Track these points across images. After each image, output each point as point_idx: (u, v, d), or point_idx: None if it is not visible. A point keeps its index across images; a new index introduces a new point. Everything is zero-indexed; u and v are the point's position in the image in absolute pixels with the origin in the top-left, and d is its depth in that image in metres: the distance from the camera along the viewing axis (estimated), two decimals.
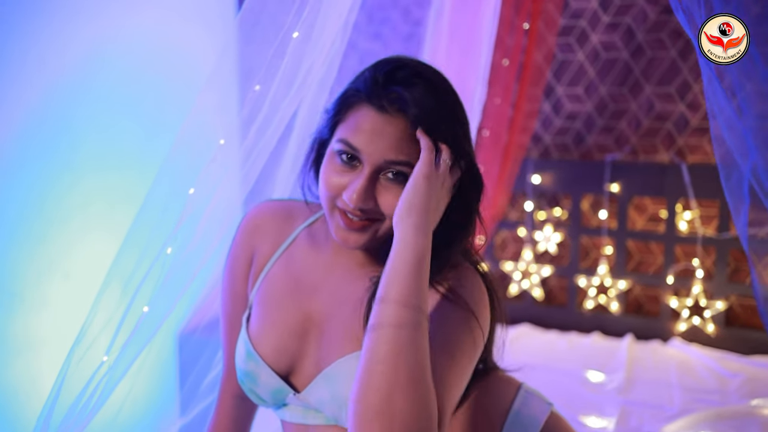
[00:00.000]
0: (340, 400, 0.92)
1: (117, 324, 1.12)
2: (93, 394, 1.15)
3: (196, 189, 1.14)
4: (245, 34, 1.29)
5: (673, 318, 2.33)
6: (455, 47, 1.57)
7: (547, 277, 2.54)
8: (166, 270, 1.10)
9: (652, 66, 2.37)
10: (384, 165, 0.87)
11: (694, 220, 2.30)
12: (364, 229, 0.89)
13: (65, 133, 2.12)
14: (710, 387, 1.94)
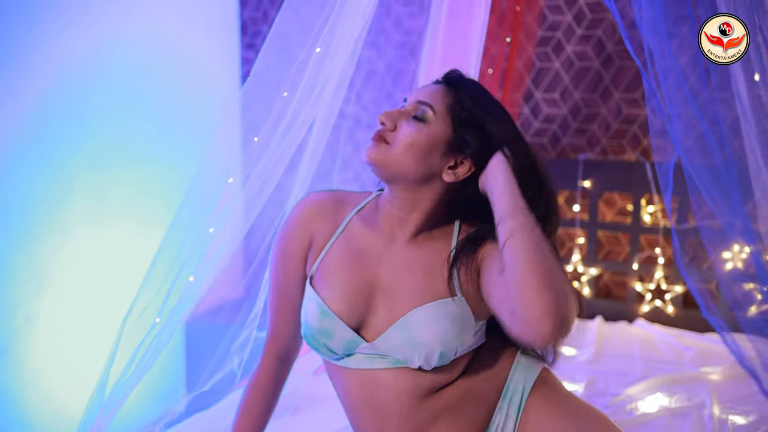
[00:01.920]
0: (413, 344, 1.12)
1: (166, 292, 1.34)
2: (146, 353, 1.37)
3: (234, 178, 1.36)
4: (249, 96, 1.48)
5: (637, 301, 2.60)
6: (449, 58, 1.81)
7: None
8: (208, 246, 1.33)
9: (620, 74, 2.63)
10: (416, 105, 1.14)
11: (656, 213, 2.57)
12: (377, 144, 1.13)
13: (75, 126, 2.30)
14: (668, 358, 2.20)
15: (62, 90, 2.28)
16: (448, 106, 1.14)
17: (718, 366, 2.08)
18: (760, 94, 1.31)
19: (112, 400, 1.36)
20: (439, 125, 1.13)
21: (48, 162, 2.25)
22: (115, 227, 2.54)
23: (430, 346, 1.12)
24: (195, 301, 1.35)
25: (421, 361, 1.13)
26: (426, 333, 1.12)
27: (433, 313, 1.12)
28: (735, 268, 2.48)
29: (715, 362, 2.13)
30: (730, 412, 1.77)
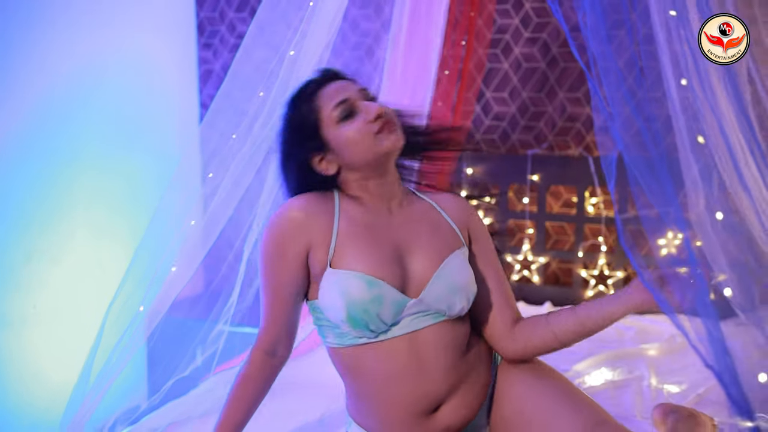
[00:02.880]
0: (454, 289, 1.26)
1: (149, 281, 1.42)
2: (131, 341, 1.45)
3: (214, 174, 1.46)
4: (207, 132, 1.57)
5: (583, 286, 2.79)
6: (410, 63, 1.94)
7: None
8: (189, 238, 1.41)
9: (564, 75, 2.81)
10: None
11: (598, 204, 2.76)
12: (397, 130, 1.26)
13: (63, 135, 2.34)
14: (611, 338, 2.39)
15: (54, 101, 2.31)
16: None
17: (655, 343, 2.28)
18: (687, 96, 1.47)
19: (98, 386, 1.44)
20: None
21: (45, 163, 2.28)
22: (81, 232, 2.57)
23: (467, 288, 1.28)
24: (177, 291, 1.43)
25: (463, 303, 1.28)
26: (461, 277, 1.28)
27: (460, 260, 1.29)
28: (670, 254, 2.69)
29: (652, 340, 2.33)
30: (665, 383, 1.96)
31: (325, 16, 1.47)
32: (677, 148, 1.80)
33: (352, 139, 1.25)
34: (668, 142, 1.84)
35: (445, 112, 2.41)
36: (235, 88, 1.48)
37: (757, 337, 1.69)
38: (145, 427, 1.64)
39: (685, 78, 1.35)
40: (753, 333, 1.71)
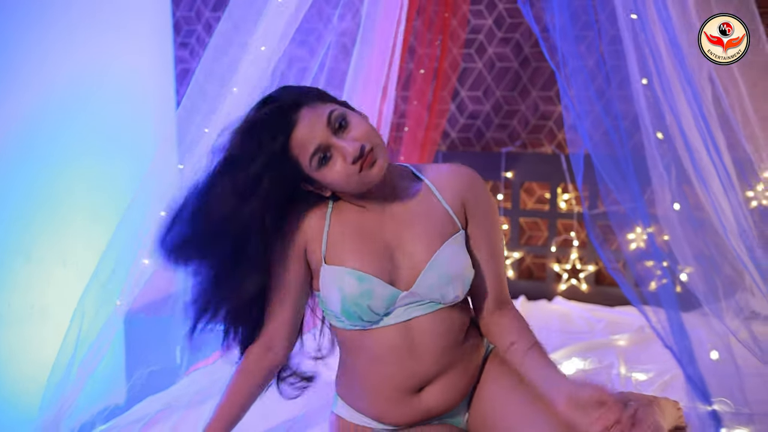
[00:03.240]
0: (447, 278, 1.27)
1: (125, 274, 1.44)
2: (108, 333, 1.48)
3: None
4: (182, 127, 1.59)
5: (556, 280, 2.86)
6: (376, 59, 1.99)
7: None
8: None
9: (536, 74, 2.88)
10: (333, 121, 1.20)
11: (571, 200, 2.84)
12: (375, 164, 1.21)
13: (41, 136, 2.36)
14: (582, 329, 2.47)
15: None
16: (322, 100, 1.24)
17: (625, 334, 2.36)
18: (650, 95, 1.54)
19: (76, 382, 1.46)
20: (345, 109, 1.24)
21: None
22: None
23: (461, 276, 1.28)
24: (149, 285, 1.46)
25: (457, 291, 1.28)
26: (454, 266, 1.27)
27: (454, 248, 1.28)
28: (638, 248, 2.78)
29: (621, 331, 2.41)
30: (633, 371, 2.04)
31: (292, 10, 1.51)
32: (644, 146, 1.88)
33: (337, 182, 1.23)
34: (635, 141, 1.91)
35: (421, 111, 2.46)
36: (207, 83, 1.50)
37: (719, 326, 1.77)
38: (133, 416, 1.67)
39: (646, 78, 1.42)
40: (716, 322, 1.79)
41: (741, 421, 1.52)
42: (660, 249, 1.96)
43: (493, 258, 1.35)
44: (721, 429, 1.50)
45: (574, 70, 1.76)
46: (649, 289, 2.67)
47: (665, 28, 1.39)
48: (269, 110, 1.20)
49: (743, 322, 1.88)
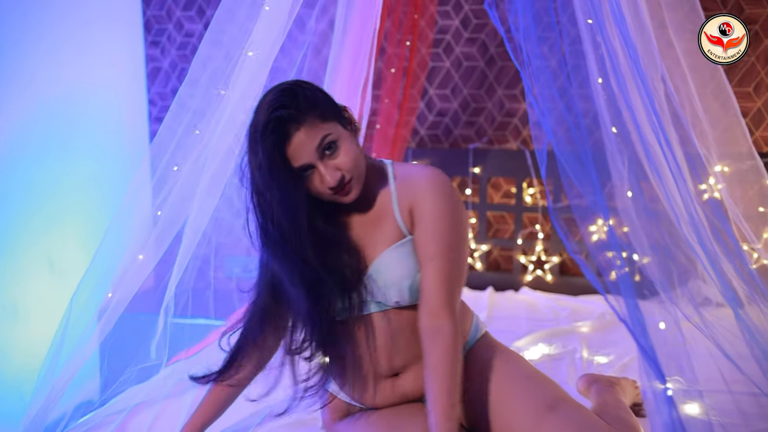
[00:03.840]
0: (386, 284, 1.35)
1: (119, 269, 1.50)
2: (97, 324, 1.53)
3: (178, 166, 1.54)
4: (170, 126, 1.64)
5: (522, 271, 2.97)
6: (353, 59, 2.06)
7: None
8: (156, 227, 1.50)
9: (502, 73, 2.98)
10: (321, 147, 1.27)
11: (536, 194, 2.95)
12: (348, 190, 1.31)
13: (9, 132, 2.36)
14: (547, 317, 2.58)
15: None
16: (321, 121, 1.29)
17: (587, 321, 2.47)
18: (607, 94, 1.64)
19: (67, 371, 1.51)
20: (338, 130, 1.31)
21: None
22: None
23: (399, 283, 1.35)
24: (143, 279, 1.51)
25: (397, 296, 1.37)
26: (393, 273, 1.35)
27: (395, 255, 1.35)
28: (599, 240, 2.90)
29: (584, 318, 2.53)
30: (595, 355, 2.15)
31: (279, 17, 1.57)
32: (604, 142, 1.98)
33: (313, 192, 1.32)
34: (596, 137, 2.01)
35: (392, 109, 2.54)
36: (197, 85, 1.56)
37: (675, 312, 1.88)
38: (114, 408, 1.71)
39: (601, 77, 1.51)
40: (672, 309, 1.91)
41: (692, 396, 1.63)
42: (619, 240, 2.07)
43: (432, 262, 1.33)
44: (673, 404, 1.61)
45: (537, 70, 1.85)
46: (610, 278, 2.80)
47: (620, 32, 1.49)
48: (271, 119, 1.26)
49: (696, 308, 2.01)
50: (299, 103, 1.27)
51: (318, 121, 1.28)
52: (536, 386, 1.43)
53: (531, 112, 1.80)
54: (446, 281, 1.33)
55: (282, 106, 1.26)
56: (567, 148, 1.86)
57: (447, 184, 1.38)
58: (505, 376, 1.45)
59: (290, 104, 1.27)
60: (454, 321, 1.31)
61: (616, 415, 1.58)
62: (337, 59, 2.08)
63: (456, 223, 1.36)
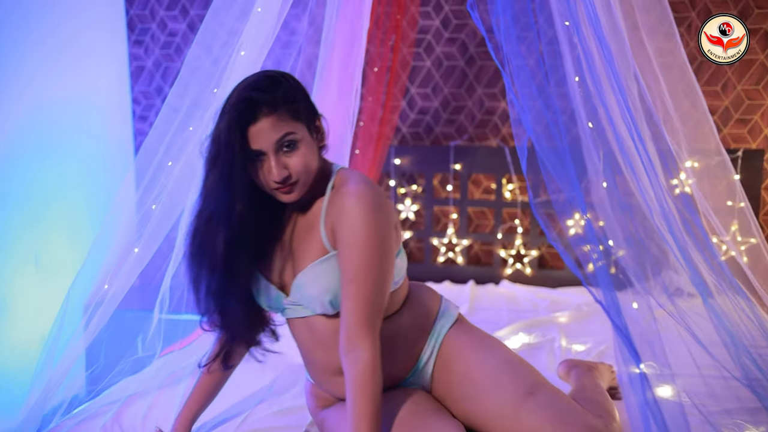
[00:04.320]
0: (309, 297, 1.39)
1: (115, 262, 1.54)
2: (94, 314, 1.57)
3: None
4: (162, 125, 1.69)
5: (502, 265, 3.06)
6: (340, 60, 2.12)
7: (408, 240, 3.17)
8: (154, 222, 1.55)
9: (481, 72, 3.06)
10: (280, 143, 1.29)
11: (515, 190, 3.04)
12: (290, 189, 1.32)
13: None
14: (527, 309, 2.66)
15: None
16: (291, 118, 1.30)
17: (566, 311, 2.56)
18: (584, 92, 1.72)
19: (64, 362, 1.55)
20: (303, 133, 1.33)
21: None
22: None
23: (321, 297, 1.38)
24: (138, 272, 1.56)
25: (320, 309, 1.41)
26: (313, 288, 1.38)
27: (317, 271, 1.37)
28: (577, 234, 2.99)
29: (562, 309, 2.62)
30: (573, 343, 2.24)
31: (269, 19, 1.63)
32: (580, 139, 2.06)
33: (260, 179, 1.33)
34: (573, 134, 2.10)
35: (375, 107, 2.60)
36: (192, 83, 1.61)
37: (650, 301, 1.97)
38: (106, 399, 1.75)
39: (578, 76, 1.59)
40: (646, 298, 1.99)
41: (665, 380, 1.72)
42: (596, 233, 2.15)
43: (352, 284, 1.32)
44: (648, 385, 1.70)
45: (517, 68, 1.92)
46: (588, 270, 2.89)
47: (596, 33, 1.56)
48: (244, 97, 1.28)
49: (669, 297, 2.10)
50: (277, 93, 1.29)
51: (288, 117, 1.30)
52: (514, 373, 1.47)
53: (512, 109, 1.87)
54: (365, 305, 1.32)
55: (260, 89, 1.28)
56: (546, 144, 1.94)
57: (372, 204, 1.34)
58: (482, 364, 1.49)
59: (268, 90, 1.29)
60: (373, 343, 1.32)
61: (593, 399, 1.65)
62: (326, 62, 2.14)
63: (377, 246, 1.33)
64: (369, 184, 1.37)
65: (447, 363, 1.52)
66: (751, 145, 2.83)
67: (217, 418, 1.66)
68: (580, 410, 1.46)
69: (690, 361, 1.83)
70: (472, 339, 1.55)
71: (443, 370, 1.52)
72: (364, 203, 1.33)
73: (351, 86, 2.27)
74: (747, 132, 2.83)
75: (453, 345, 1.53)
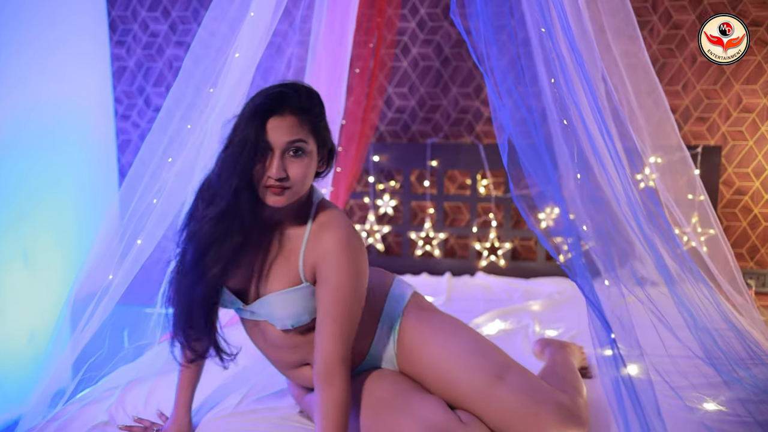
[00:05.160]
0: (271, 317, 1.48)
1: (120, 252, 1.62)
2: (99, 304, 1.65)
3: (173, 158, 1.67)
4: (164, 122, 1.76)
5: (477, 257, 3.19)
6: (328, 63, 2.21)
7: (386, 234, 3.28)
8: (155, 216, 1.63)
9: (456, 73, 3.19)
10: (288, 144, 1.35)
11: (489, 185, 3.17)
12: (281, 193, 1.37)
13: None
14: (502, 298, 2.79)
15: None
16: (310, 131, 1.38)
17: (538, 300, 2.70)
18: (556, 91, 1.84)
19: (72, 349, 1.62)
20: (313, 149, 1.40)
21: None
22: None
23: (283, 319, 1.47)
24: (141, 262, 1.64)
25: (281, 326, 1.48)
26: (281, 311, 1.46)
27: (289, 297, 1.45)
28: (549, 226, 3.14)
29: (535, 298, 2.76)
30: (545, 329, 2.37)
31: (262, 24, 1.72)
32: (552, 135, 2.18)
33: (259, 171, 1.37)
34: (545, 130, 2.22)
35: (356, 107, 2.71)
36: (189, 86, 1.69)
37: (620, 287, 2.10)
38: (106, 386, 1.83)
39: (553, 78, 1.71)
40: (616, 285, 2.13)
41: (634, 358, 1.86)
42: (568, 225, 2.28)
43: (331, 321, 1.41)
44: (617, 366, 1.83)
45: (492, 68, 2.03)
46: (560, 261, 3.02)
47: (567, 37, 1.69)
48: (279, 90, 1.37)
49: (637, 283, 2.24)
50: (308, 103, 1.38)
51: (307, 127, 1.38)
52: (482, 357, 1.54)
53: (492, 107, 1.99)
54: (342, 339, 1.41)
55: (296, 91, 1.38)
56: (522, 140, 2.07)
57: (354, 248, 1.43)
58: (450, 354, 1.54)
59: (302, 96, 1.38)
60: (347, 377, 1.41)
61: (562, 375, 1.76)
62: (313, 65, 2.23)
63: (356, 287, 1.43)
64: (349, 228, 1.45)
65: (412, 353, 1.57)
66: (710, 142, 3.00)
67: (214, 398, 1.75)
68: (548, 388, 1.56)
69: (659, 343, 1.96)
70: (433, 326, 1.59)
71: (410, 362, 1.58)
72: (347, 249, 1.42)
73: (339, 88, 2.37)
74: (706, 129, 3.00)
75: (415, 334, 1.58)
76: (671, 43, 2.96)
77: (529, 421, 1.47)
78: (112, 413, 1.68)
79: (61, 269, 3.00)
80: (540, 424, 1.48)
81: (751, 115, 2.94)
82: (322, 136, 1.42)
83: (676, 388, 1.72)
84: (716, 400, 1.74)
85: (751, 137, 2.96)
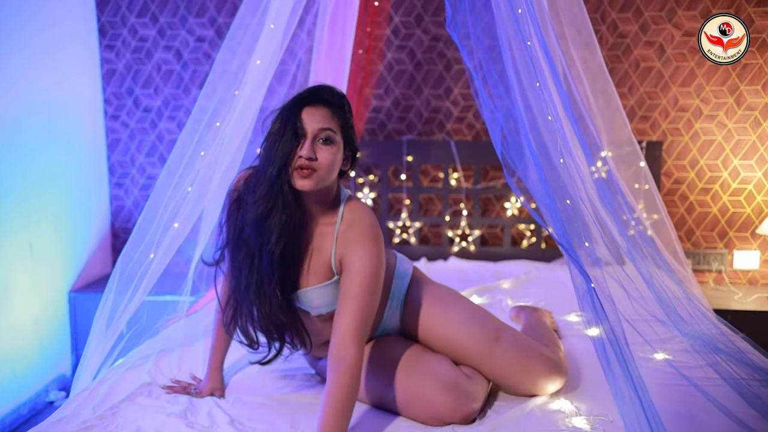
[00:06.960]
0: (312, 305, 1.65)
1: (160, 234, 1.84)
2: (141, 282, 1.86)
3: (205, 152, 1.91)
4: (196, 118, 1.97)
5: (449, 244, 3.49)
6: (330, 66, 2.47)
7: None
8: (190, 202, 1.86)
9: (427, 76, 3.48)
10: (320, 131, 1.53)
11: (459, 178, 3.48)
12: (309, 175, 1.52)
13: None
14: (475, 279, 3.10)
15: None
16: (339, 125, 1.55)
17: (508, 279, 3.02)
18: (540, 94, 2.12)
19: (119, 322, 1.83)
20: (340, 142, 1.56)
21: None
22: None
23: (319, 308, 1.66)
24: (179, 243, 1.86)
25: (315, 313, 1.67)
26: (317, 301, 1.64)
27: (320, 292, 1.63)
28: (513, 215, 3.46)
29: (505, 277, 3.07)
30: (517, 303, 2.69)
31: (280, 33, 1.97)
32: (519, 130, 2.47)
33: (292, 152, 1.52)
34: (511, 126, 2.51)
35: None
36: (217, 89, 1.91)
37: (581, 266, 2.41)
38: (137, 356, 2.03)
39: (539, 82, 2.00)
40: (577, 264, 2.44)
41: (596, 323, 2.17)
42: (531, 214, 2.56)
43: (353, 301, 1.52)
44: (583, 330, 2.13)
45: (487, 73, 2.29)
46: (522, 246, 3.35)
47: (541, 46, 1.99)
48: (315, 86, 1.59)
49: (595, 262, 2.56)
50: (339, 101, 1.59)
51: (337, 122, 1.56)
52: (480, 322, 1.80)
53: (479, 107, 2.26)
54: (361, 319, 1.52)
55: (330, 91, 1.58)
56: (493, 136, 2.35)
57: (378, 238, 1.59)
58: (455, 323, 1.78)
59: (335, 96, 1.59)
60: (360, 351, 1.50)
61: (541, 333, 2.07)
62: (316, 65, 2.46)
63: (379, 271, 1.57)
64: (373, 219, 1.62)
65: (421, 323, 1.78)
66: (652, 138, 3.39)
67: (241, 361, 1.98)
68: (535, 343, 1.85)
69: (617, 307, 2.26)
70: (435, 299, 1.81)
71: (417, 329, 1.80)
72: (374, 235, 1.59)
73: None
74: (649, 127, 3.39)
75: (421, 307, 1.79)
76: (618, 50, 3.33)
77: (523, 371, 1.76)
78: (153, 376, 1.90)
79: (59, 261, 3.15)
80: (532, 374, 1.77)
81: (687, 114, 3.34)
82: (348, 134, 1.60)
83: (632, 344, 2.03)
84: (664, 351, 2.08)
85: (686, 133, 3.36)
